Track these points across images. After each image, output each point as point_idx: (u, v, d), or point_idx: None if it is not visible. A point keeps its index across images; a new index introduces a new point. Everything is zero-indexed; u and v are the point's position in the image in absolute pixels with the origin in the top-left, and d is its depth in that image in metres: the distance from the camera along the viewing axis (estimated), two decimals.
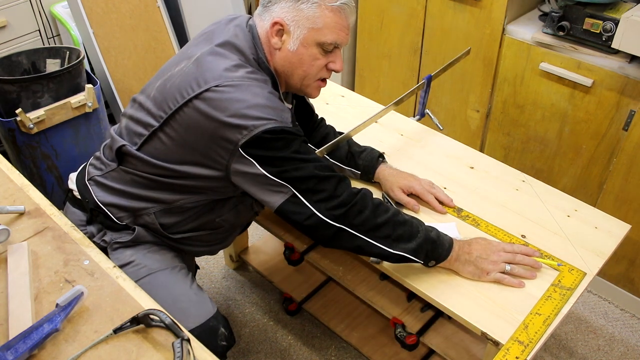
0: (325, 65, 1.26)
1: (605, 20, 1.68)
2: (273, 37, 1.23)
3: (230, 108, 1.13)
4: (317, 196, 1.17)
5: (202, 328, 1.26)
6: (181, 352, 0.92)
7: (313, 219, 1.18)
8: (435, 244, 1.24)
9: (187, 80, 1.18)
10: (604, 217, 1.45)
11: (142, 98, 1.29)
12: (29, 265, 1.10)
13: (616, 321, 2.01)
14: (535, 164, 2.09)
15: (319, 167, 1.18)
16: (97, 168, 1.37)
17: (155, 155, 1.25)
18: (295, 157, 1.16)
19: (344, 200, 1.18)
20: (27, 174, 2.13)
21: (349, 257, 1.73)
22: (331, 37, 1.22)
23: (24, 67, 2.23)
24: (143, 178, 1.28)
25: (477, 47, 2.05)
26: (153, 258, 1.34)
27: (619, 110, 1.77)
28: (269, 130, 1.13)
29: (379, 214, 1.21)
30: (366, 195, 1.22)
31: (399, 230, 1.21)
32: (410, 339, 1.56)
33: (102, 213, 1.33)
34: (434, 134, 1.74)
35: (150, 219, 1.32)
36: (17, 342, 0.92)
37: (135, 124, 1.28)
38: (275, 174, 1.16)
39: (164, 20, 2.73)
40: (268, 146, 1.14)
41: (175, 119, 1.19)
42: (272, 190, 1.18)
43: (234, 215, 1.41)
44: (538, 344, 1.14)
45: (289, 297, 1.97)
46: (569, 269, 1.29)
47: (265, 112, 1.14)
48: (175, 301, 1.28)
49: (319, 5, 1.19)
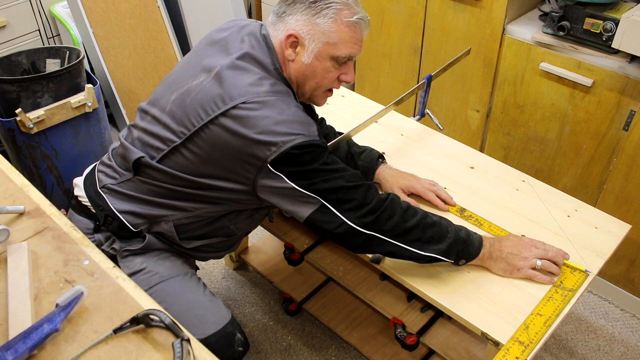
0: (337, 77, 1.27)
1: (605, 20, 1.68)
2: (287, 48, 1.23)
3: (259, 125, 1.13)
4: (347, 205, 1.17)
5: (220, 334, 1.26)
6: (181, 352, 0.92)
7: (343, 227, 1.18)
8: (465, 244, 1.24)
9: (210, 97, 1.17)
10: (604, 217, 1.45)
11: (156, 111, 1.27)
12: (29, 265, 1.10)
13: (616, 321, 2.01)
14: (535, 164, 2.09)
15: (347, 176, 1.19)
16: (110, 176, 1.34)
17: (177, 168, 1.24)
18: (324, 169, 1.16)
19: (373, 208, 1.18)
20: (27, 174, 2.13)
21: (349, 257, 1.73)
22: (345, 52, 1.22)
23: (24, 67, 2.23)
24: (162, 188, 1.27)
25: (477, 47, 2.05)
26: (164, 265, 1.33)
27: (619, 110, 1.77)
28: (297, 145, 1.12)
29: (408, 218, 1.21)
30: (394, 201, 1.22)
31: (429, 232, 1.22)
32: (410, 339, 1.56)
33: (116, 220, 1.31)
34: (434, 134, 1.74)
35: (168, 226, 1.30)
36: (17, 342, 0.92)
37: (150, 137, 1.26)
38: (305, 187, 1.16)
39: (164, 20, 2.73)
40: (297, 161, 1.14)
41: (199, 136, 1.18)
42: (301, 201, 1.17)
43: (248, 224, 1.41)
44: (538, 345, 1.14)
45: (289, 297, 1.97)
46: (571, 270, 1.29)
47: (292, 127, 1.14)
48: (190, 308, 1.28)
49: (335, 20, 1.19)
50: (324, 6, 1.19)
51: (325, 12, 1.19)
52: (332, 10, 1.19)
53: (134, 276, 1.30)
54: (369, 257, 1.35)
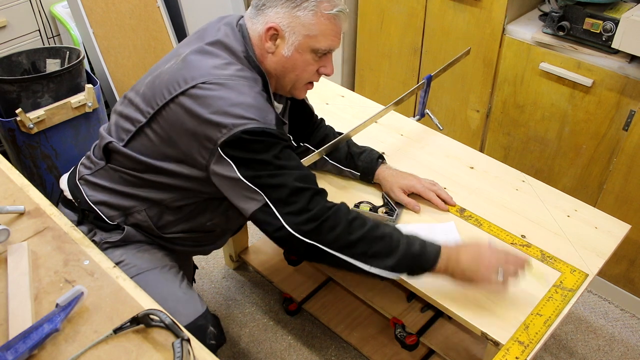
0: (317, 70, 1.27)
1: (605, 20, 1.68)
2: (267, 41, 1.23)
3: (214, 105, 1.13)
4: (288, 208, 1.13)
5: (191, 327, 1.25)
6: (181, 352, 0.92)
7: (282, 232, 1.14)
8: (417, 258, 1.17)
9: (174, 77, 1.19)
10: (604, 217, 1.45)
11: (132, 94, 1.30)
12: (29, 265, 1.10)
13: (616, 321, 2.01)
14: (535, 164, 2.09)
15: (296, 176, 1.14)
16: (87, 167, 1.37)
17: (140, 151, 1.25)
18: (273, 163, 1.13)
19: (315, 215, 1.13)
20: (27, 174, 2.13)
21: None
22: (325, 44, 1.22)
23: (24, 67, 2.23)
24: (130, 176, 1.29)
25: (477, 47, 2.05)
26: (143, 257, 1.34)
27: (619, 110, 1.77)
28: (248, 130, 1.11)
29: (354, 230, 1.14)
30: (340, 210, 1.16)
31: (376, 246, 1.15)
32: (410, 339, 1.56)
33: (92, 213, 1.33)
34: (434, 134, 1.74)
35: (142, 216, 1.32)
36: (17, 342, 0.92)
37: (124, 120, 1.29)
38: (250, 179, 1.13)
39: (164, 20, 2.73)
40: (247, 147, 1.12)
41: (161, 115, 1.20)
42: (246, 196, 1.15)
43: (224, 220, 1.41)
44: (538, 345, 1.14)
45: (289, 297, 1.97)
46: (571, 270, 1.29)
47: (247, 111, 1.13)
48: (163, 300, 1.26)
49: (315, 12, 1.19)
50: None
51: (306, 5, 1.19)
52: (312, 3, 1.19)
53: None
54: None
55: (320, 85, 1.58)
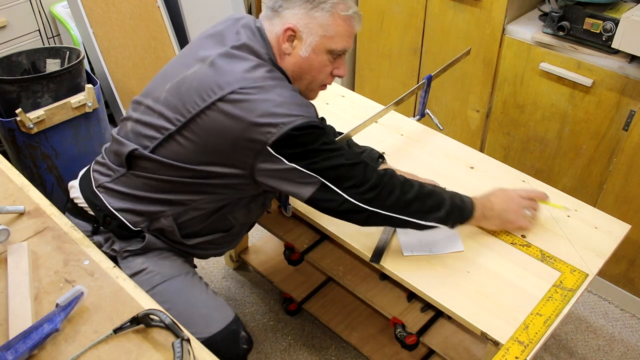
0: (331, 72, 1.29)
1: (605, 20, 1.68)
2: (284, 42, 1.24)
3: (258, 108, 1.13)
4: (348, 183, 1.19)
5: (225, 332, 1.26)
6: (181, 352, 0.92)
7: (346, 205, 1.20)
8: (460, 209, 1.28)
9: (206, 83, 1.18)
10: (604, 217, 1.45)
11: (149, 102, 1.27)
12: (29, 265, 1.10)
13: (616, 321, 2.01)
14: (535, 164, 2.09)
15: (347, 154, 1.20)
16: (104, 174, 1.34)
17: (172, 157, 1.23)
18: (324, 149, 1.17)
19: (374, 184, 1.20)
20: (27, 174, 2.13)
21: (349, 257, 1.73)
22: (341, 45, 1.25)
23: (24, 67, 2.23)
24: (157, 181, 1.27)
25: (477, 47, 2.05)
26: (165, 264, 1.33)
27: (619, 110, 1.77)
28: (297, 127, 1.13)
29: (407, 191, 1.23)
30: (393, 175, 1.24)
31: (428, 202, 1.24)
32: (410, 339, 1.56)
33: (115, 220, 1.30)
34: (434, 134, 1.74)
35: (168, 221, 1.30)
36: (17, 342, 0.92)
37: (143, 127, 1.27)
38: (305, 166, 1.16)
39: (164, 20, 2.73)
40: (297, 143, 1.15)
41: (195, 122, 1.18)
42: (300, 182, 1.18)
43: (245, 214, 1.41)
44: (538, 345, 1.14)
45: (289, 297, 1.97)
46: (571, 270, 1.29)
47: (292, 109, 1.15)
48: (194, 307, 1.28)
49: (332, 13, 1.22)
50: (322, 0, 1.21)
51: (323, 6, 1.21)
52: (329, 4, 1.21)
53: (135, 277, 1.29)
54: (369, 257, 1.35)
55: None
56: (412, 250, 1.35)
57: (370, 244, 1.37)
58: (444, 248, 1.36)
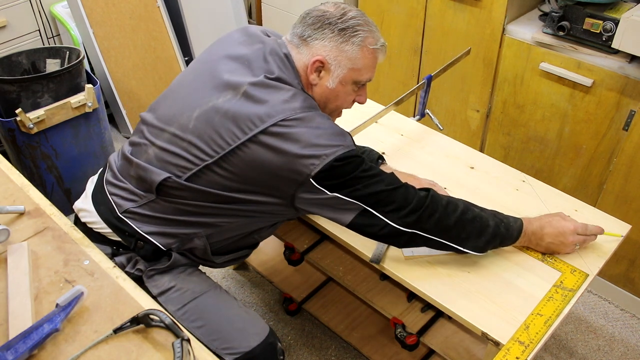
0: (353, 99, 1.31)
1: (605, 20, 1.68)
2: (312, 73, 1.24)
3: (301, 140, 1.13)
4: (389, 207, 1.18)
5: (264, 345, 1.26)
6: (181, 352, 0.92)
7: (387, 229, 1.19)
8: (503, 237, 1.27)
9: (245, 114, 1.15)
10: (604, 217, 1.45)
11: (176, 130, 1.23)
12: (29, 265, 1.10)
13: (616, 321, 2.01)
14: (535, 164, 2.09)
15: (386, 179, 1.19)
16: (129, 200, 1.28)
17: (208, 185, 1.21)
18: (364, 176, 1.16)
19: (415, 207, 1.19)
20: (27, 174, 2.13)
21: (349, 257, 1.73)
22: (367, 76, 1.26)
23: (24, 67, 2.23)
24: (190, 206, 1.24)
25: (477, 47, 2.05)
26: (192, 281, 1.32)
27: (619, 110, 1.77)
28: (339, 157, 1.13)
29: (449, 214, 1.21)
30: (435, 198, 1.22)
31: (468, 228, 1.23)
32: (410, 339, 1.56)
33: (148, 243, 1.27)
34: (434, 134, 1.74)
35: (202, 242, 1.29)
36: (17, 342, 0.92)
37: (172, 156, 1.22)
38: (347, 194, 1.16)
39: (164, 20, 2.73)
40: (339, 173, 1.14)
41: (235, 154, 1.16)
42: (342, 208, 1.18)
43: (268, 233, 1.42)
44: (538, 345, 1.14)
45: (289, 297, 1.97)
46: (572, 270, 1.29)
47: (332, 139, 1.15)
48: (230, 322, 1.28)
49: (362, 47, 1.22)
50: (352, 34, 1.21)
51: (354, 40, 1.21)
52: (359, 38, 1.21)
53: (163, 295, 1.27)
54: (369, 257, 1.35)
55: None
56: (412, 251, 1.35)
57: (370, 244, 1.37)
58: None
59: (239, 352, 1.22)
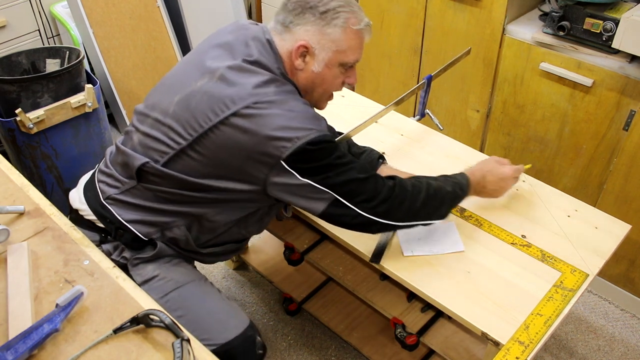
0: (342, 81, 1.30)
1: (605, 20, 1.68)
2: (297, 58, 1.24)
3: (272, 122, 1.13)
4: (359, 197, 1.19)
5: (242, 338, 1.26)
6: (181, 352, 0.92)
7: (359, 219, 1.20)
8: (457, 199, 1.31)
9: (218, 97, 1.16)
10: (604, 217, 1.45)
11: (158, 115, 1.25)
12: (29, 265, 1.10)
13: (616, 321, 2.01)
14: (536, 164, 2.09)
15: (358, 168, 1.20)
16: (112, 186, 1.31)
17: (184, 171, 1.22)
18: (337, 163, 1.17)
19: (385, 197, 1.20)
20: (27, 174, 2.13)
21: (349, 257, 1.73)
22: (353, 57, 1.26)
23: (24, 67, 2.23)
24: (168, 193, 1.26)
25: (477, 47, 2.05)
26: (177, 271, 1.32)
27: (619, 110, 1.77)
28: (311, 141, 1.13)
29: (416, 198, 1.23)
30: (402, 185, 1.24)
31: (434, 203, 1.26)
32: (410, 339, 1.56)
33: (127, 232, 1.29)
34: (434, 134, 1.74)
35: (181, 231, 1.29)
36: (17, 342, 0.92)
37: (152, 141, 1.25)
38: (318, 182, 1.16)
39: (164, 20, 2.73)
40: (311, 157, 1.14)
41: (208, 137, 1.17)
42: (314, 197, 1.18)
43: (257, 227, 1.42)
44: (538, 345, 1.14)
45: (289, 297, 1.97)
46: (572, 270, 1.29)
47: (305, 122, 1.15)
48: (211, 313, 1.28)
49: (345, 28, 1.21)
50: (334, 16, 1.20)
51: (335, 22, 1.20)
52: (341, 19, 1.21)
53: (147, 284, 1.28)
54: (369, 258, 1.35)
55: None
56: (412, 251, 1.35)
57: (370, 244, 1.37)
58: (444, 248, 1.36)
59: (217, 344, 1.22)
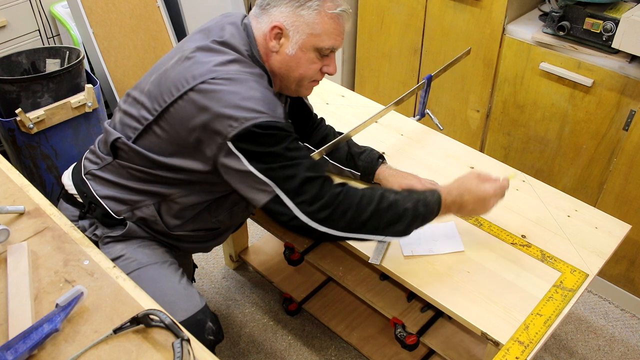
0: (320, 69, 1.28)
1: (605, 20, 1.68)
2: (271, 40, 1.24)
3: (224, 99, 1.13)
4: (300, 198, 1.15)
5: (190, 321, 1.26)
6: (181, 352, 0.92)
7: (296, 221, 1.16)
8: (423, 217, 1.22)
9: (181, 74, 1.19)
10: (604, 217, 1.45)
11: (136, 93, 1.30)
12: (29, 265, 1.10)
13: (616, 321, 2.01)
14: (535, 164, 2.09)
15: (307, 166, 1.17)
16: (93, 162, 1.37)
17: (149, 148, 1.26)
18: (284, 154, 1.15)
19: (327, 203, 1.16)
20: (27, 174, 2.13)
21: (349, 257, 1.73)
22: (329, 43, 1.24)
23: (24, 67, 2.23)
24: (138, 171, 1.29)
25: (477, 47, 2.05)
26: (143, 252, 1.34)
27: (619, 110, 1.77)
28: (260, 124, 1.12)
29: (363, 209, 1.18)
30: (348, 193, 1.19)
31: (386, 217, 1.19)
32: (410, 339, 1.56)
33: (99, 207, 1.33)
34: (434, 134, 1.74)
35: (150, 210, 1.32)
36: (17, 342, 0.92)
37: (129, 118, 1.29)
38: (261, 171, 1.15)
39: (164, 20, 2.73)
40: (258, 141, 1.13)
41: (169, 112, 1.20)
42: (257, 188, 1.17)
43: (228, 217, 1.42)
44: (538, 345, 1.14)
45: (289, 297, 1.97)
46: (571, 270, 1.29)
47: (258, 105, 1.14)
48: (163, 295, 1.27)
49: (319, 12, 1.21)
50: None
51: (310, 4, 1.20)
52: (316, 2, 1.21)
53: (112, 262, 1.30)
54: (369, 258, 1.35)
55: (320, 85, 1.59)
56: (412, 250, 1.35)
57: (370, 244, 1.37)
58: (444, 248, 1.36)
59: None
